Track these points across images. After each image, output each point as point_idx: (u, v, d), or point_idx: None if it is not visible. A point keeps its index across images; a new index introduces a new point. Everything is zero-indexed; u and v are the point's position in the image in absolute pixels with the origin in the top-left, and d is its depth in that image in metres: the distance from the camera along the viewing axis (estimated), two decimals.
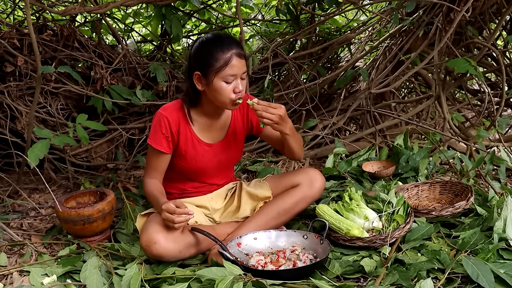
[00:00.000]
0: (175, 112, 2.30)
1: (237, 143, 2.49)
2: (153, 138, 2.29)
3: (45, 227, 2.78)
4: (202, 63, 2.18)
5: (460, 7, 3.40)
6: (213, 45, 2.17)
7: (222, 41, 2.18)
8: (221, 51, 2.14)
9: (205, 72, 2.18)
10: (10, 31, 3.38)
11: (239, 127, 2.47)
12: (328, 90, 4.29)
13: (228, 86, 2.17)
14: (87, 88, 3.49)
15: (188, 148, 2.34)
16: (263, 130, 2.51)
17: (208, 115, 2.37)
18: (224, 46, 2.15)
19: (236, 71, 2.16)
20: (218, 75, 2.15)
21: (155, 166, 2.36)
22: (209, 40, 2.21)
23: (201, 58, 2.19)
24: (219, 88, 2.17)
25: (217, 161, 2.43)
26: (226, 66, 2.14)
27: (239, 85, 2.18)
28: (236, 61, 2.15)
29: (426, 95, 4.06)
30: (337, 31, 4.39)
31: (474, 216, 2.47)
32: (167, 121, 2.26)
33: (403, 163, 3.17)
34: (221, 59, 2.14)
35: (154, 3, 3.53)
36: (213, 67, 2.15)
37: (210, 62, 2.15)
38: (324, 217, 2.37)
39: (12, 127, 3.32)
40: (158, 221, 2.19)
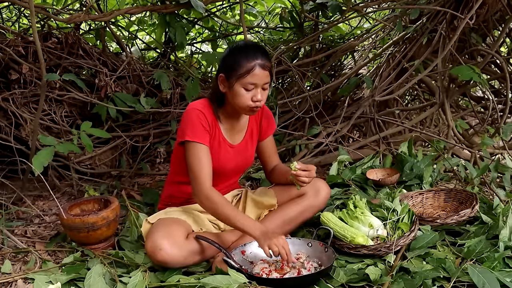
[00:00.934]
0: (207, 108, 2.32)
1: (252, 146, 2.54)
2: (194, 134, 2.23)
3: (49, 234, 2.78)
4: (227, 66, 2.24)
5: (464, 14, 3.40)
6: (240, 52, 2.22)
7: (249, 50, 2.22)
8: (246, 59, 2.19)
9: (228, 75, 2.23)
10: (16, 39, 3.40)
11: (254, 132, 2.53)
12: (332, 97, 4.29)
13: (247, 93, 2.21)
14: (91, 96, 3.50)
15: (214, 146, 2.35)
16: (263, 141, 2.57)
17: (231, 116, 2.40)
18: (250, 55, 2.19)
19: (257, 80, 2.19)
20: (239, 81, 2.20)
21: (207, 167, 2.24)
22: (238, 46, 2.27)
23: (227, 62, 2.25)
24: (238, 94, 2.21)
25: (235, 162, 2.45)
26: (248, 74, 2.18)
27: (258, 94, 2.21)
28: (258, 71, 2.19)
29: (430, 103, 4.05)
30: (340, 39, 4.39)
31: (479, 224, 2.46)
32: (204, 115, 2.27)
33: (408, 170, 3.16)
34: (244, 66, 2.18)
35: (158, 11, 3.54)
36: (236, 73, 2.19)
37: (234, 68, 2.20)
38: (328, 225, 2.36)
39: (17, 134, 3.32)
40: (164, 227, 2.19)
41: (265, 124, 2.55)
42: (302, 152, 3.72)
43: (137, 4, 3.80)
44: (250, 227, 2.13)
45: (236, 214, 2.18)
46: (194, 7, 3.34)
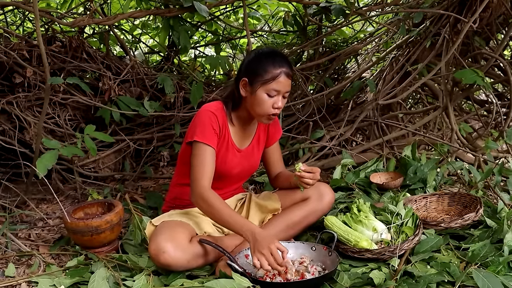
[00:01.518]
0: (219, 111, 2.33)
1: (258, 152, 2.55)
2: (203, 135, 2.24)
3: (53, 237, 2.78)
4: (252, 71, 2.26)
5: (467, 18, 3.40)
6: (267, 58, 2.25)
7: (276, 57, 2.26)
8: (273, 66, 2.22)
9: (252, 80, 2.25)
10: (20, 43, 3.41)
11: (261, 137, 2.54)
12: (335, 101, 4.29)
13: (269, 100, 2.24)
14: (95, 99, 3.50)
15: (222, 149, 2.36)
16: (269, 147, 2.59)
17: (243, 121, 2.42)
18: (276, 62, 2.23)
19: (281, 88, 2.23)
20: (264, 87, 2.22)
21: (209, 168, 2.24)
22: (265, 52, 2.30)
23: (252, 67, 2.27)
24: (260, 99, 2.24)
25: (241, 167, 2.46)
26: (273, 81, 2.21)
27: (279, 102, 2.25)
28: (283, 79, 2.22)
29: (434, 106, 4.05)
30: (344, 42, 4.39)
31: (484, 228, 2.46)
32: (216, 118, 2.29)
33: (411, 174, 3.16)
34: (270, 72, 2.21)
35: (162, 14, 3.55)
36: (261, 78, 2.22)
37: (260, 73, 2.23)
38: (332, 229, 2.36)
39: (21, 138, 3.33)
40: (167, 230, 2.19)
41: (272, 130, 2.57)
42: (305, 155, 3.72)
43: (140, 8, 3.80)
44: (244, 232, 2.10)
45: (232, 218, 2.15)
46: (198, 11, 3.34)
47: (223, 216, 2.14)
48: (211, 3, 3.57)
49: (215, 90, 3.92)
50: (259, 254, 2.00)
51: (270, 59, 2.25)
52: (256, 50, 2.37)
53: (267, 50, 2.35)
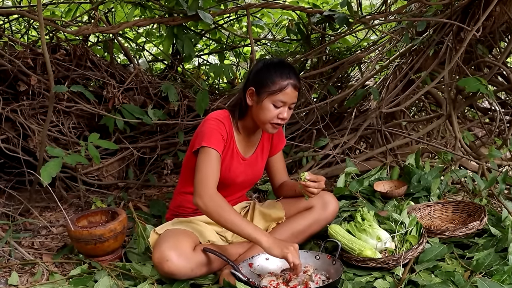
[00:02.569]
0: (226, 119, 2.35)
1: (262, 160, 2.56)
2: (211, 141, 2.24)
3: (57, 246, 2.78)
4: (259, 81, 2.27)
5: (471, 26, 3.41)
6: (275, 69, 2.27)
7: (284, 69, 2.28)
8: (280, 77, 2.24)
9: (259, 90, 2.26)
10: (24, 51, 3.42)
11: (265, 146, 2.56)
12: (339, 109, 4.29)
13: (275, 110, 2.25)
14: (99, 107, 3.51)
15: (227, 156, 2.37)
16: (273, 156, 2.61)
17: (249, 129, 2.43)
18: (284, 74, 2.25)
19: (287, 99, 2.25)
20: (270, 97, 2.24)
21: (216, 172, 2.23)
22: (273, 63, 2.32)
23: (260, 77, 2.28)
24: (266, 109, 2.25)
25: (245, 175, 2.47)
26: (280, 92, 2.23)
27: (285, 113, 2.26)
28: (290, 91, 2.24)
29: (437, 114, 4.05)
30: (347, 51, 4.40)
31: (488, 237, 2.45)
32: (223, 126, 2.31)
33: (415, 182, 3.16)
34: (277, 83, 2.23)
35: (166, 23, 3.57)
36: (268, 88, 2.24)
37: (267, 83, 2.24)
38: (336, 238, 2.36)
39: (25, 146, 3.33)
40: (171, 238, 2.19)
41: (276, 139, 2.59)
42: (309, 163, 3.71)
43: (145, 17, 3.82)
44: (258, 234, 2.11)
45: (243, 221, 2.15)
46: (202, 19, 3.36)
47: (234, 219, 2.13)
48: (215, 11, 3.59)
49: (219, 98, 3.92)
50: (287, 252, 2.04)
51: (278, 70, 2.26)
52: (264, 60, 2.39)
53: (276, 60, 2.36)
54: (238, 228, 2.13)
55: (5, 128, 3.32)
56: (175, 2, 3.51)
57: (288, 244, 2.08)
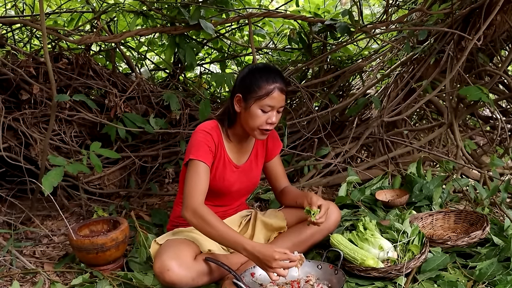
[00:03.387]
0: (215, 130, 2.35)
1: (257, 167, 2.55)
2: (199, 153, 2.25)
3: (58, 254, 2.78)
4: (246, 87, 2.27)
5: (472, 35, 3.41)
6: (260, 74, 2.26)
7: (269, 73, 2.26)
8: (266, 82, 2.23)
9: (246, 96, 2.26)
10: (27, 60, 3.44)
11: (260, 152, 2.55)
12: (340, 117, 4.29)
13: (263, 115, 2.25)
14: (101, 116, 3.52)
15: (219, 166, 2.38)
16: (270, 161, 2.59)
17: (239, 137, 2.43)
18: (270, 78, 2.24)
19: (275, 103, 2.24)
20: (257, 103, 2.23)
21: (202, 184, 2.23)
22: (258, 68, 2.30)
23: (246, 83, 2.27)
24: (254, 115, 2.24)
25: (240, 183, 2.47)
26: (267, 97, 2.22)
27: (273, 117, 2.25)
28: (277, 94, 2.23)
29: (439, 123, 4.05)
30: (349, 59, 4.41)
31: (491, 246, 2.44)
32: (211, 137, 2.31)
33: (417, 191, 3.15)
34: (264, 88, 2.22)
35: (168, 32, 3.58)
36: (255, 94, 2.23)
37: (253, 89, 2.23)
38: (338, 247, 2.35)
39: (26, 154, 3.34)
40: (172, 248, 2.19)
41: (271, 144, 2.57)
42: (310, 172, 3.72)
43: (147, 26, 3.83)
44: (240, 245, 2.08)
45: (228, 233, 2.12)
46: (204, 29, 3.37)
47: (218, 231, 2.11)
48: (217, 21, 3.61)
49: (220, 107, 3.93)
50: (271, 270, 2.01)
51: (264, 75, 2.25)
52: (249, 66, 2.38)
53: (261, 65, 2.35)
54: (222, 241, 2.15)
55: (7, 137, 3.33)
56: (177, 12, 3.54)
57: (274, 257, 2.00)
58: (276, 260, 1.98)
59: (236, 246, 2.10)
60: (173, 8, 3.64)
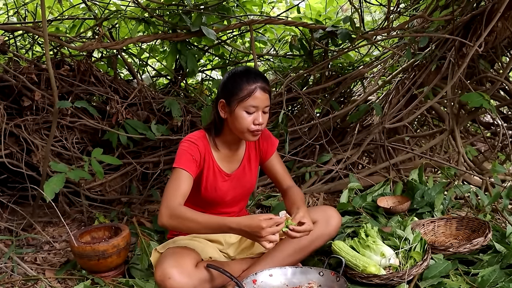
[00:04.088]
0: (201, 140, 2.34)
1: (251, 171, 2.53)
2: (181, 161, 2.24)
3: (59, 261, 2.78)
4: (227, 91, 2.26)
5: (473, 42, 3.42)
6: (240, 76, 2.25)
7: (249, 74, 2.25)
8: (247, 82, 2.21)
9: (229, 100, 2.24)
10: (29, 66, 3.44)
11: (252, 156, 2.53)
12: (342, 124, 4.29)
13: (249, 117, 2.23)
14: (102, 123, 3.52)
15: (209, 176, 2.37)
16: (267, 161, 2.56)
17: (229, 145, 2.41)
18: (250, 78, 2.22)
19: (258, 103, 2.22)
20: (241, 105, 2.21)
21: (182, 191, 2.18)
22: (238, 71, 2.29)
23: (227, 87, 2.27)
24: (239, 117, 2.23)
25: (233, 191, 2.46)
26: (249, 97, 2.20)
27: (260, 118, 2.23)
28: (259, 94, 2.21)
29: (440, 129, 4.05)
30: (350, 66, 4.42)
31: (493, 253, 2.43)
32: (196, 147, 2.30)
33: (418, 198, 3.15)
34: (245, 89, 2.20)
35: (169, 39, 3.59)
36: (237, 96, 2.21)
37: (235, 91, 2.22)
38: (340, 254, 2.35)
39: (28, 161, 3.34)
40: (173, 256, 2.18)
41: (265, 145, 2.54)
42: (312, 179, 3.72)
43: (148, 33, 3.84)
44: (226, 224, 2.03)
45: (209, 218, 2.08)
46: (206, 35, 3.38)
47: (200, 222, 2.06)
48: (219, 27, 3.62)
49: None
50: (262, 240, 1.98)
51: (244, 76, 2.24)
52: (230, 71, 2.36)
53: (240, 68, 2.33)
54: (208, 230, 2.09)
55: (8, 143, 3.33)
56: (179, 18, 3.55)
57: (261, 226, 1.95)
58: (264, 229, 1.95)
59: (222, 229, 2.06)
60: (174, 15, 3.64)
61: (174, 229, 2.18)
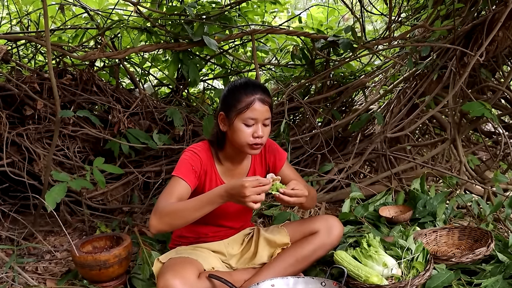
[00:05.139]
0: (204, 152, 2.31)
1: None
2: (180, 170, 2.20)
3: (60, 271, 2.77)
4: (226, 104, 2.23)
5: (474, 51, 3.43)
6: (239, 88, 2.22)
7: (248, 86, 2.22)
8: (245, 94, 2.18)
9: (228, 113, 2.22)
10: (31, 76, 3.46)
11: (258, 170, 2.48)
12: (343, 133, 4.30)
13: (248, 129, 2.19)
14: (104, 132, 3.53)
15: (212, 189, 2.33)
16: (278, 173, 2.51)
17: (232, 159, 2.38)
18: (249, 90, 2.19)
19: (257, 115, 2.18)
20: (239, 117, 2.18)
21: (175, 196, 2.12)
22: (237, 83, 2.26)
23: (227, 100, 2.24)
24: (238, 130, 2.19)
25: (236, 204, 2.42)
26: (247, 109, 2.17)
27: (259, 130, 2.19)
28: (258, 106, 2.18)
29: (442, 138, 4.05)
30: (351, 75, 4.43)
31: (496, 263, 2.42)
32: (199, 158, 2.27)
33: (420, 207, 3.14)
34: (243, 101, 2.17)
35: (172, 48, 3.60)
36: (235, 108, 2.18)
37: (234, 104, 2.19)
38: (342, 264, 2.34)
39: (30, 169, 3.35)
40: (175, 266, 2.17)
41: (271, 158, 2.49)
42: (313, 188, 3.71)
43: (150, 42, 3.86)
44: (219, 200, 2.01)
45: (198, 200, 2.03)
46: (207, 45, 3.39)
47: (191, 207, 2.02)
48: (221, 37, 3.63)
49: None
50: (247, 199, 1.93)
51: (243, 88, 2.21)
52: (230, 83, 2.33)
53: (240, 81, 2.30)
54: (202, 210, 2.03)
55: (10, 152, 3.34)
56: (181, 28, 3.56)
57: (243, 181, 1.92)
58: (247, 187, 1.91)
59: (213, 201, 2.02)
60: (176, 24, 3.66)
61: (172, 228, 2.09)
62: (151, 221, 2.05)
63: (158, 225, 2.05)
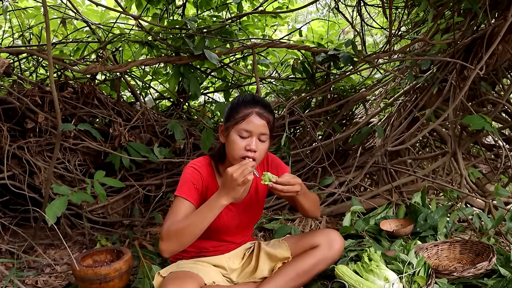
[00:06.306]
0: (205, 167, 2.32)
1: (258, 201, 2.49)
2: (182, 190, 2.21)
3: (60, 284, 2.76)
4: (227, 115, 2.25)
5: (474, 64, 3.44)
6: (241, 102, 2.23)
7: (250, 100, 2.22)
8: (244, 106, 2.19)
9: (227, 124, 2.23)
10: (33, 89, 3.47)
11: (260, 186, 2.47)
12: (344, 146, 4.30)
13: (241, 142, 2.17)
14: (105, 145, 3.53)
15: None
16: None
17: None
18: (249, 103, 2.20)
19: (252, 128, 2.17)
20: (235, 128, 2.18)
21: (181, 214, 2.14)
22: (242, 97, 2.27)
23: (228, 111, 2.26)
24: (232, 141, 2.18)
25: (239, 219, 2.42)
26: (243, 120, 2.17)
27: (252, 143, 2.16)
28: (254, 119, 2.17)
29: (442, 151, 4.05)
30: (352, 89, 4.44)
31: (498, 278, 2.41)
32: (199, 175, 2.27)
33: (421, 221, 3.13)
34: (241, 113, 2.18)
35: (173, 62, 3.62)
36: (233, 119, 2.19)
37: (232, 115, 2.21)
38: (343, 278, 2.33)
39: (30, 182, 3.35)
40: (176, 280, 2.16)
41: (274, 173, 2.42)
42: None
43: (151, 56, 3.88)
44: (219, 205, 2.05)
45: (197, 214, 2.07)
46: (208, 59, 3.40)
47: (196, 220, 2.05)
48: (221, 51, 3.64)
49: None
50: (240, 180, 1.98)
51: (244, 101, 2.22)
52: (235, 97, 2.34)
53: (245, 95, 2.30)
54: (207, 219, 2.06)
55: (11, 165, 3.34)
56: (182, 42, 3.58)
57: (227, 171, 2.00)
58: (232, 172, 1.97)
59: (215, 207, 2.04)
60: (178, 38, 3.68)
61: (182, 246, 2.09)
62: (160, 246, 2.07)
63: (169, 248, 2.07)
